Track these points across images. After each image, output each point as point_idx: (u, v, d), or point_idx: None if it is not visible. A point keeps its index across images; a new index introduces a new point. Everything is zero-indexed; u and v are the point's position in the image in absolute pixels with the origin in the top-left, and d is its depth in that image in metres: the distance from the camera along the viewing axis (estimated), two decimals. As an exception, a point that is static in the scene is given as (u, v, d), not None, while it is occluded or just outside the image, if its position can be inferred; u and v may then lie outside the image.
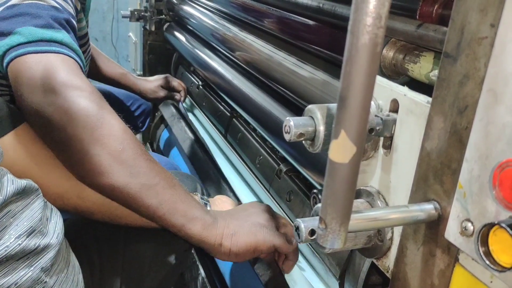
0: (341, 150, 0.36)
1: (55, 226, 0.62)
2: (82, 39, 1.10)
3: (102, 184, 0.72)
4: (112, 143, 0.72)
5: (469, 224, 0.39)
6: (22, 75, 0.74)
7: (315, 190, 0.58)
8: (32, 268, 0.56)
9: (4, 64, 0.78)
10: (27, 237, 0.55)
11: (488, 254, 0.36)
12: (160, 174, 0.75)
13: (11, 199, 0.54)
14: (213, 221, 0.76)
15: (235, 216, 0.80)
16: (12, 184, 0.54)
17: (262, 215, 0.80)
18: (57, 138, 0.71)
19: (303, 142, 0.51)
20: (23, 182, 0.56)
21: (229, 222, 0.77)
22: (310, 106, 0.50)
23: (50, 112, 0.70)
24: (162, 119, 1.89)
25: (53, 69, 0.74)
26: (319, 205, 0.47)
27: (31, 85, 0.72)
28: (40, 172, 0.75)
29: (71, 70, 0.75)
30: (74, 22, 0.90)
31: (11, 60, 0.76)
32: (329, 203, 0.38)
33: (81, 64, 0.80)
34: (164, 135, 1.83)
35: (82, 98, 0.72)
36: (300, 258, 0.87)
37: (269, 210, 0.82)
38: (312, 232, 0.45)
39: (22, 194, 0.56)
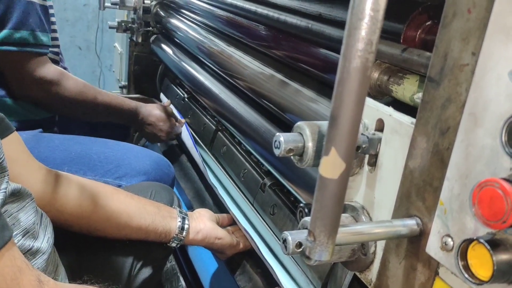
0: (331, 166, 0.38)
1: (45, 231, 0.63)
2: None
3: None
4: None
5: (449, 240, 0.41)
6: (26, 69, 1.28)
7: (301, 204, 0.60)
8: None
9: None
10: (22, 237, 0.56)
11: (467, 268, 0.38)
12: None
13: (8, 200, 0.55)
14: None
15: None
16: (9, 184, 0.56)
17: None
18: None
19: (292, 157, 0.53)
20: (18, 185, 0.57)
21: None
22: (299, 123, 0.52)
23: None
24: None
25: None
26: (307, 218, 0.49)
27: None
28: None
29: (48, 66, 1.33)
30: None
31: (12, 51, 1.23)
32: (318, 217, 0.40)
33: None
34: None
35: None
36: (282, 270, 0.89)
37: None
38: (299, 245, 0.46)
39: (18, 196, 0.57)
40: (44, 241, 0.63)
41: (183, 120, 1.50)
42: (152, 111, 1.48)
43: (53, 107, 1.38)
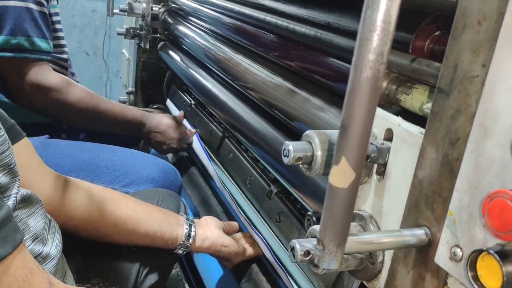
0: (341, 176, 0.39)
1: (54, 237, 0.63)
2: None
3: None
4: None
5: (458, 250, 0.41)
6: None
7: (309, 212, 0.60)
8: None
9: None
10: (32, 242, 0.57)
11: (476, 278, 0.38)
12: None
13: (19, 206, 0.56)
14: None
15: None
16: (20, 190, 0.56)
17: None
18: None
19: (300, 166, 0.53)
20: (28, 191, 0.58)
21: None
22: (308, 132, 0.52)
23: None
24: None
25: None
26: (315, 226, 0.49)
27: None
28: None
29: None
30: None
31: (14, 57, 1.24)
32: (327, 226, 0.40)
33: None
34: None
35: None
36: (288, 277, 0.89)
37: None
38: (307, 253, 0.46)
39: (28, 202, 0.58)
40: (53, 246, 0.64)
41: (193, 130, 1.47)
42: (161, 119, 1.45)
43: (54, 114, 1.37)
